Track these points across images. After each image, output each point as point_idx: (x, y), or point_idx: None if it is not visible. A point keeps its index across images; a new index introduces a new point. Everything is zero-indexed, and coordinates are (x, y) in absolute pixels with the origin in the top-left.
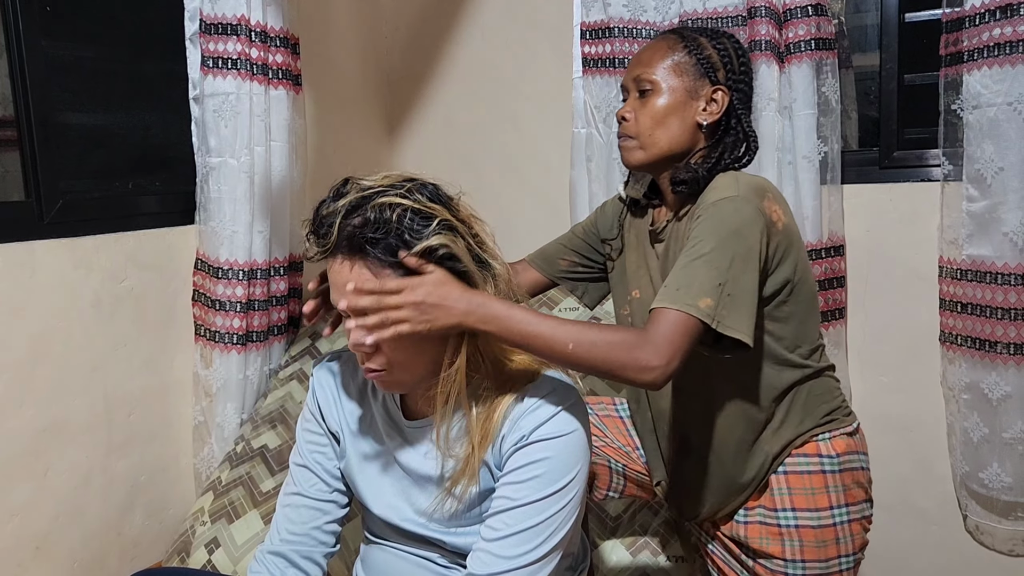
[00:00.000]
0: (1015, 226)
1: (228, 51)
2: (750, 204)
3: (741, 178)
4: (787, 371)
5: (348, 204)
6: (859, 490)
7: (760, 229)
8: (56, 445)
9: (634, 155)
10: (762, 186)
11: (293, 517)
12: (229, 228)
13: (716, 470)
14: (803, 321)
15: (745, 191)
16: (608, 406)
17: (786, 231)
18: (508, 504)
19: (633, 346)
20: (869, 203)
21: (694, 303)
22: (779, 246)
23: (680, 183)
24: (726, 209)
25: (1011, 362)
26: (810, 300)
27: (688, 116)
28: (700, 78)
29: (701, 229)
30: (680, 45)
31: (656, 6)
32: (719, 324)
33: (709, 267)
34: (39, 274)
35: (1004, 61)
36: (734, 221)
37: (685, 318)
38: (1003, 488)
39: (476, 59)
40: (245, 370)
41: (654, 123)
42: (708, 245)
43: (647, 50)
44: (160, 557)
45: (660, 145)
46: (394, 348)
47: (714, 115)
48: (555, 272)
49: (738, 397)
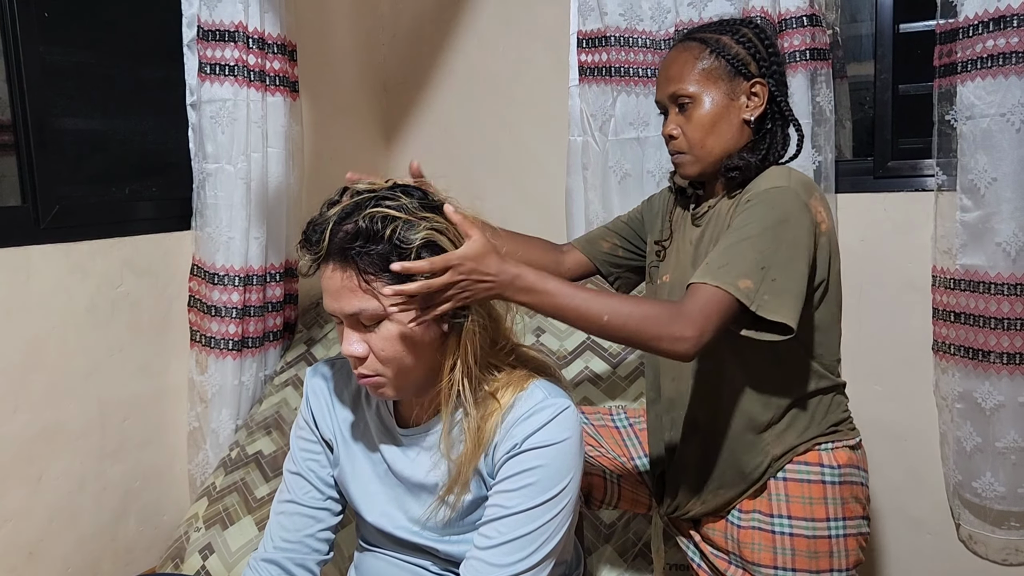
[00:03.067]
0: (1008, 236)
1: (225, 57)
2: (799, 198)
3: (793, 173)
4: (806, 379)
5: (340, 212)
6: (857, 505)
7: (809, 223)
8: (50, 450)
9: (691, 168)
10: (811, 185)
11: (287, 524)
12: (225, 234)
13: (715, 457)
14: (828, 329)
15: (796, 185)
16: (604, 416)
17: (829, 234)
18: (501, 512)
19: (667, 318)
20: (863, 212)
21: (733, 282)
22: (822, 248)
23: (733, 168)
24: (777, 198)
25: (1004, 372)
26: (838, 309)
27: (734, 117)
28: (735, 77)
29: (750, 213)
30: (706, 51)
31: (652, 15)
32: (759, 307)
33: (754, 250)
34: (34, 279)
35: (997, 72)
36: (785, 210)
37: (722, 295)
38: (996, 497)
39: (473, 67)
40: (240, 376)
41: (704, 134)
42: (756, 228)
43: (674, 64)
44: (154, 563)
45: (715, 153)
46: (387, 354)
47: (759, 108)
48: (596, 254)
49: (748, 390)
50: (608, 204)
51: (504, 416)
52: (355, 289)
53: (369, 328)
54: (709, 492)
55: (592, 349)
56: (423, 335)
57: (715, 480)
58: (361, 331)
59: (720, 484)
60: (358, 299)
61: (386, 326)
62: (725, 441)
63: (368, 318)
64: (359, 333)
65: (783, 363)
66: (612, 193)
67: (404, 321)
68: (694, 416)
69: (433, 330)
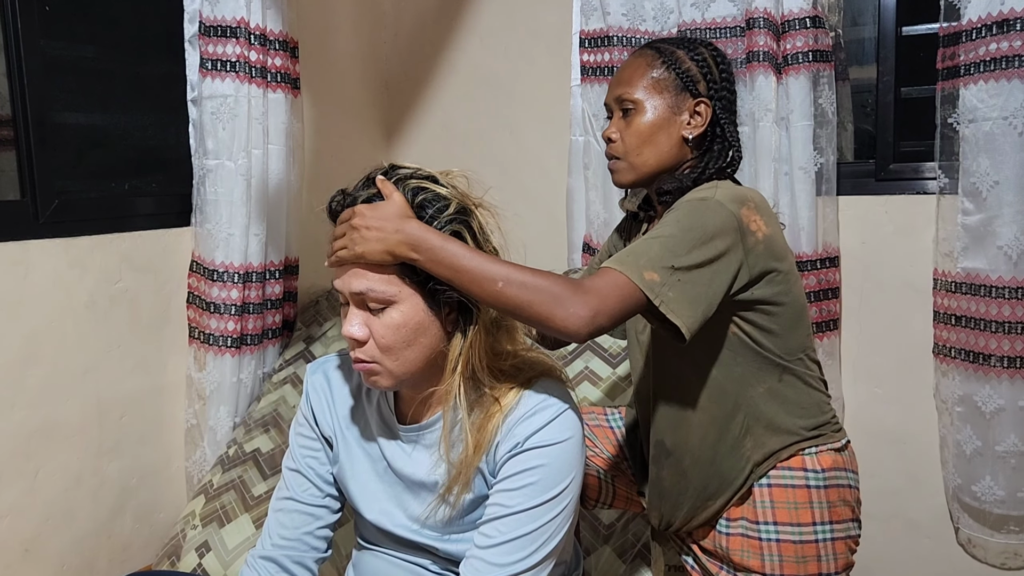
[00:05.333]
0: (1010, 240)
1: (227, 54)
2: (724, 208)
3: (720, 187)
4: (763, 373)
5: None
6: (845, 508)
7: (732, 231)
8: (47, 447)
9: (624, 176)
10: (744, 195)
11: (285, 522)
12: (225, 231)
13: (691, 474)
14: (786, 330)
15: (722, 196)
16: (599, 416)
17: (767, 242)
18: (502, 511)
19: (564, 294)
20: (864, 215)
21: (639, 272)
22: (760, 256)
23: (665, 193)
24: (697, 206)
25: (1004, 375)
26: (796, 312)
27: (673, 131)
28: (681, 92)
29: (668, 217)
30: (658, 61)
31: (655, 15)
32: (661, 302)
33: (663, 248)
34: (33, 274)
35: (1000, 76)
36: (702, 216)
37: (625, 281)
38: (995, 501)
39: (475, 66)
40: (239, 373)
41: (640, 142)
42: (669, 229)
43: (626, 68)
44: (150, 560)
45: (648, 163)
46: (387, 341)
47: (699, 128)
48: None
49: (712, 399)
50: (609, 204)
51: (507, 414)
52: (366, 268)
53: (373, 312)
54: (693, 506)
55: (592, 349)
56: (427, 329)
57: (697, 494)
58: (365, 314)
59: (705, 497)
60: (367, 279)
61: (390, 313)
62: (698, 463)
63: (374, 300)
64: (363, 315)
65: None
66: (613, 193)
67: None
68: (661, 439)
69: (437, 326)
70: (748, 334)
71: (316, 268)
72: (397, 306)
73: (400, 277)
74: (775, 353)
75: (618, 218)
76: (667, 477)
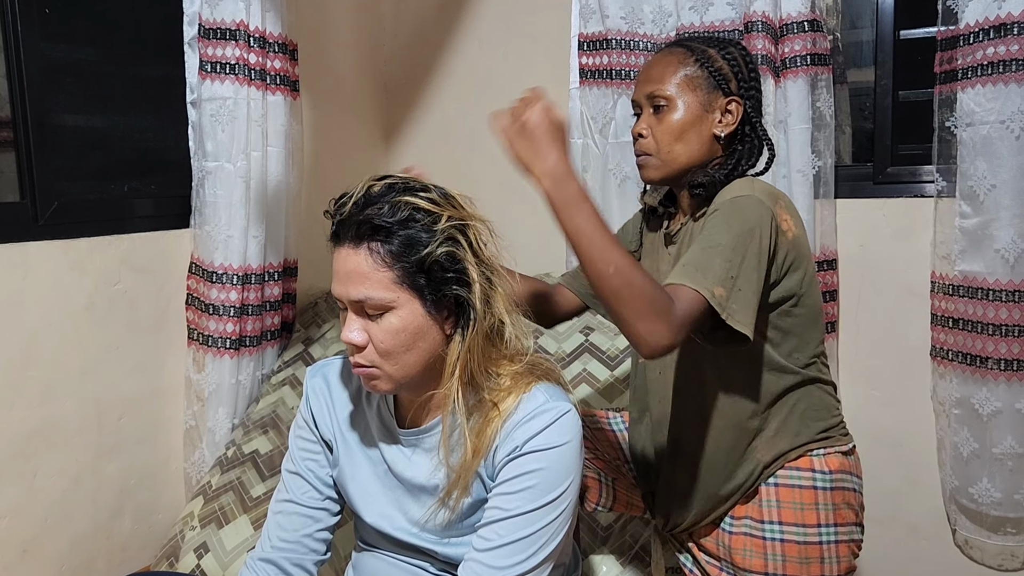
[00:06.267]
0: (1007, 243)
1: (226, 56)
2: (763, 204)
3: (756, 183)
4: (781, 377)
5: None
6: (849, 512)
7: (770, 232)
8: (46, 448)
9: (653, 172)
10: (775, 193)
11: (284, 524)
12: (224, 232)
13: (706, 476)
14: (803, 333)
15: (760, 193)
16: (600, 419)
17: (795, 242)
18: (500, 515)
19: (662, 309)
20: (862, 218)
21: (711, 289)
22: (788, 255)
23: (698, 186)
24: (743, 205)
25: (1002, 378)
26: (813, 315)
27: (704, 129)
28: (713, 90)
29: (718, 220)
30: (691, 58)
31: (654, 19)
32: (729, 316)
33: (723, 258)
34: (32, 275)
35: (997, 79)
36: (749, 218)
37: (701, 300)
38: (992, 503)
39: (474, 68)
40: (237, 375)
41: (672, 139)
42: (724, 237)
43: (657, 65)
44: (149, 561)
45: (679, 160)
46: (386, 346)
47: (730, 126)
48: (580, 287)
49: (731, 402)
50: (607, 207)
51: (506, 418)
52: (365, 275)
53: (372, 318)
54: (703, 507)
55: (590, 351)
56: (426, 333)
57: (708, 496)
58: (364, 319)
59: (714, 498)
60: (365, 286)
61: (389, 318)
62: (713, 465)
63: (372, 307)
64: (361, 321)
65: (760, 370)
66: (612, 196)
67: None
68: (678, 439)
69: (436, 330)
70: (768, 338)
71: (315, 270)
72: (395, 311)
73: (398, 282)
74: (792, 356)
75: (617, 219)
76: (679, 477)
